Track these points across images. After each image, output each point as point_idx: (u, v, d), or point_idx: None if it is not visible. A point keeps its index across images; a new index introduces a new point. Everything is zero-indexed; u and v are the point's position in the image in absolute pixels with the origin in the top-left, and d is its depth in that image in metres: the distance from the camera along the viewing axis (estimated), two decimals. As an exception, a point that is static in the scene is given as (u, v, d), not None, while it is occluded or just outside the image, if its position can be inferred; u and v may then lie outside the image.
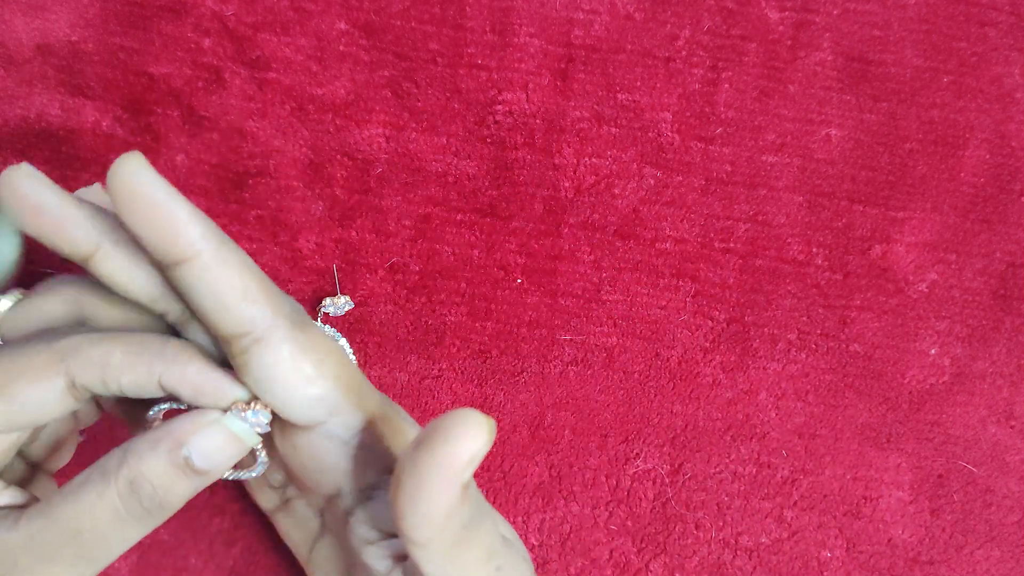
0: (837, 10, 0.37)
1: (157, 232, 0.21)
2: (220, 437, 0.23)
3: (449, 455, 0.20)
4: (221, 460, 0.23)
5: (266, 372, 0.23)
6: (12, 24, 0.35)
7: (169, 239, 0.21)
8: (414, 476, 0.21)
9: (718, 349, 0.36)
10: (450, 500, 0.21)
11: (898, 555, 0.35)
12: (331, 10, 0.36)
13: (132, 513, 0.23)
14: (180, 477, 0.23)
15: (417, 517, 0.21)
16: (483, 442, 0.20)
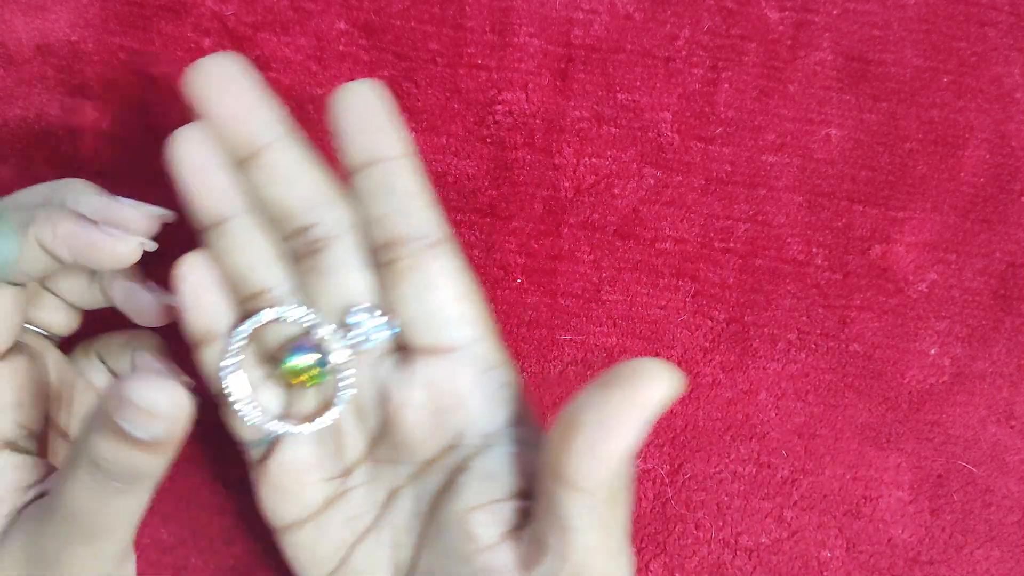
0: (837, 10, 0.37)
1: (374, 135, 0.24)
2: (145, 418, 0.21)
3: (643, 393, 0.20)
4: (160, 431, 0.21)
5: (431, 277, 0.24)
6: (12, 24, 0.35)
7: (383, 142, 0.24)
8: (601, 411, 0.20)
9: (718, 349, 0.36)
10: (632, 442, 0.20)
11: (898, 555, 0.35)
12: (331, 10, 0.36)
13: (108, 487, 0.22)
14: (134, 450, 0.21)
15: (595, 457, 0.20)
16: (676, 387, 0.20)
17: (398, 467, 0.26)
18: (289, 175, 0.24)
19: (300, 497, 0.26)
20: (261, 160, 0.24)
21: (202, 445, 0.34)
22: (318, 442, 0.26)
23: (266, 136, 0.24)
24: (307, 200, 0.25)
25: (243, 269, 0.25)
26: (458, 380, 0.24)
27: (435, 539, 0.25)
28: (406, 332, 0.25)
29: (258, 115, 0.24)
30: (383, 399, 0.25)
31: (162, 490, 0.34)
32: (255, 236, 0.25)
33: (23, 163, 0.35)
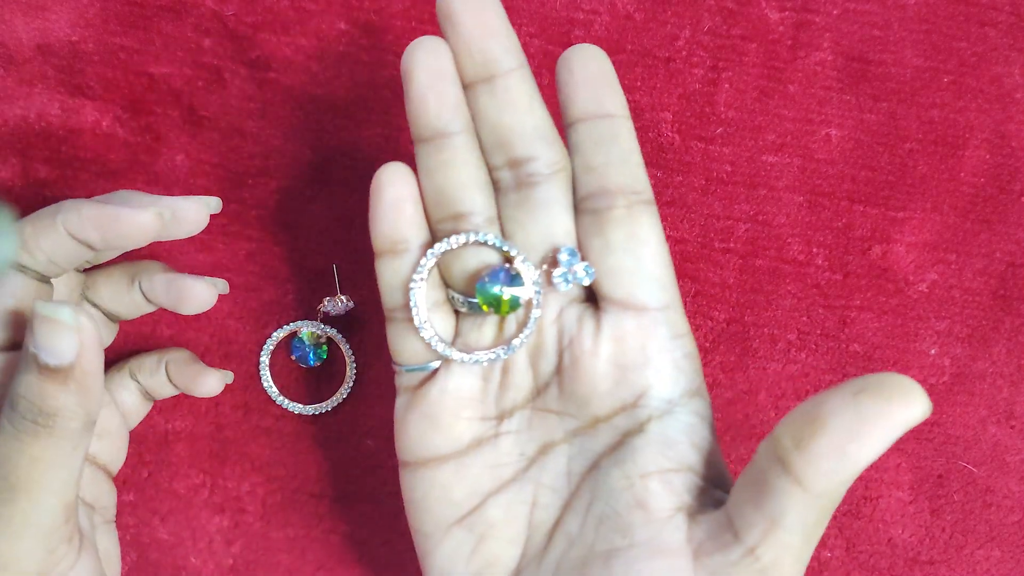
0: (837, 10, 0.37)
1: (603, 91, 0.25)
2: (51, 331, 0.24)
3: (899, 411, 0.20)
4: (67, 349, 0.24)
5: (643, 234, 0.24)
6: (12, 24, 0.35)
7: (611, 99, 0.25)
8: (853, 417, 0.20)
9: (718, 349, 0.36)
10: (877, 455, 0.20)
11: (898, 555, 0.35)
12: (331, 10, 0.36)
13: (23, 428, 0.24)
14: (46, 382, 0.24)
15: (837, 462, 0.20)
16: (927, 412, 0.20)
17: (561, 420, 0.25)
18: (524, 104, 0.25)
19: (452, 431, 0.25)
20: (499, 84, 0.25)
21: (202, 445, 0.35)
22: (484, 377, 0.26)
23: (508, 62, 0.25)
24: (535, 131, 0.25)
25: (452, 188, 0.25)
26: (649, 339, 0.24)
27: (589, 503, 0.24)
28: (603, 282, 0.25)
29: (504, 41, 0.25)
30: (565, 345, 0.25)
31: (162, 490, 0.34)
32: (471, 157, 0.25)
33: (23, 163, 0.35)
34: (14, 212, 0.34)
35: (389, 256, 0.26)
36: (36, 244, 0.26)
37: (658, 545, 0.23)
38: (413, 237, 0.25)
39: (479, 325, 0.26)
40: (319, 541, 0.35)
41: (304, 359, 0.35)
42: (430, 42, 0.24)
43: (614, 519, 0.24)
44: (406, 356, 0.26)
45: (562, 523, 0.25)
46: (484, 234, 0.25)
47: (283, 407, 0.35)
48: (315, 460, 0.35)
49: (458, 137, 0.25)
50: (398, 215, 0.25)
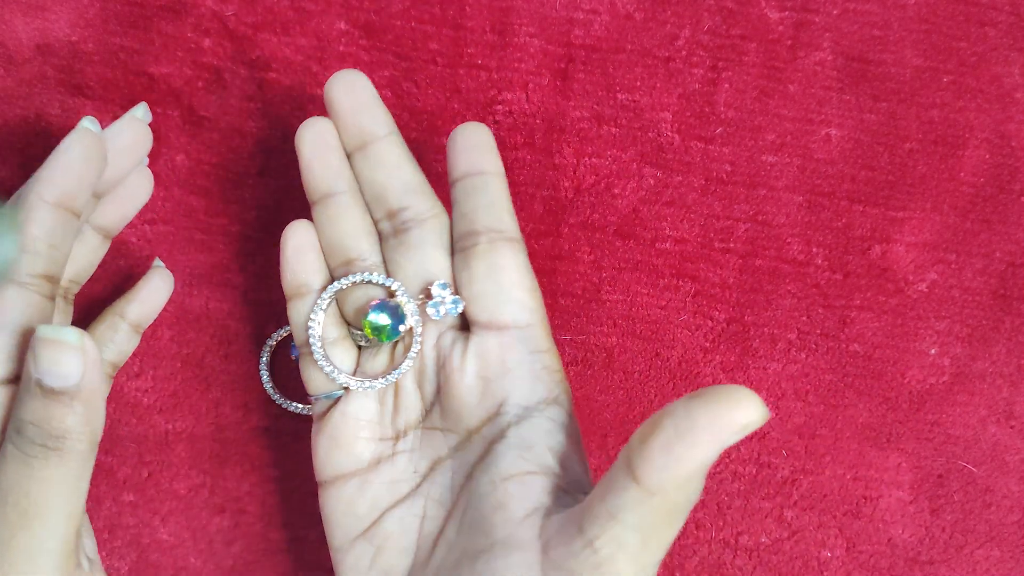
0: (837, 10, 0.37)
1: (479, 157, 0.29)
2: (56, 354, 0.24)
3: (727, 415, 0.21)
4: (72, 372, 0.24)
5: (504, 263, 0.28)
6: (12, 24, 0.35)
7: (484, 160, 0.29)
8: (686, 420, 0.21)
9: (718, 349, 0.36)
10: (708, 457, 0.21)
11: (898, 555, 0.35)
12: (331, 10, 0.36)
13: (32, 454, 0.24)
14: (52, 405, 0.24)
15: (668, 458, 0.21)
16: (758, 419, 0.21)
17: (445, 437, 0.28)
18: (393, 163, 0.29)
19: (353, 450, 0.28)
20: (371, 149, 0.29)
21: (202, 445, 0.35)
22: (380, 401, 0.29)
23: (378, 131, 0.29)
24: (404, 186, 0.29)
25: (341, 237, 0.29)
26: (507, 352, 0.27)
27: (464, 510, 0.27)
28: (470, 307, 0.28)
29: (374, 114, 0.29)
30: (441, 366, 0.29)
31: (162, 490, 0.34)
32: (355, 211, 0.29)
33: (23, 163, 0.35)
34: (14, 213, 0.34)
35: (296, 299, 0.29)
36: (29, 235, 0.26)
37: (513, 542, 0.24)
38: (314, 281, 0.29)
39: (375, 355, 0.29)
40: (319, 542, 0.35)
41: (304, 359, 0.35)
42: (315, 121, 0.29)
43: (480, 522, 0.26)
44: (314, 386, 0.29)
45: (444, 532, 0.27)
46: (369, 274, 0.29)
47: (283, 407, 0.35)
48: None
49: (343, 196, 0.29)
50: (300, 263, 0.29)
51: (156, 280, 0.32)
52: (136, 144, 0.29)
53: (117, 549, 0.34)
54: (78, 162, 0.26)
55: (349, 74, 0.29)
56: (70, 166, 0.26)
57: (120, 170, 0.29)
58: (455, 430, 0.28)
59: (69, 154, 0.26)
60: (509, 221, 0.29)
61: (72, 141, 0.27)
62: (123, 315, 0.32)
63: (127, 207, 0.31)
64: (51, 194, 0.26)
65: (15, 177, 0.35)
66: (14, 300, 0.25)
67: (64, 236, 0.27)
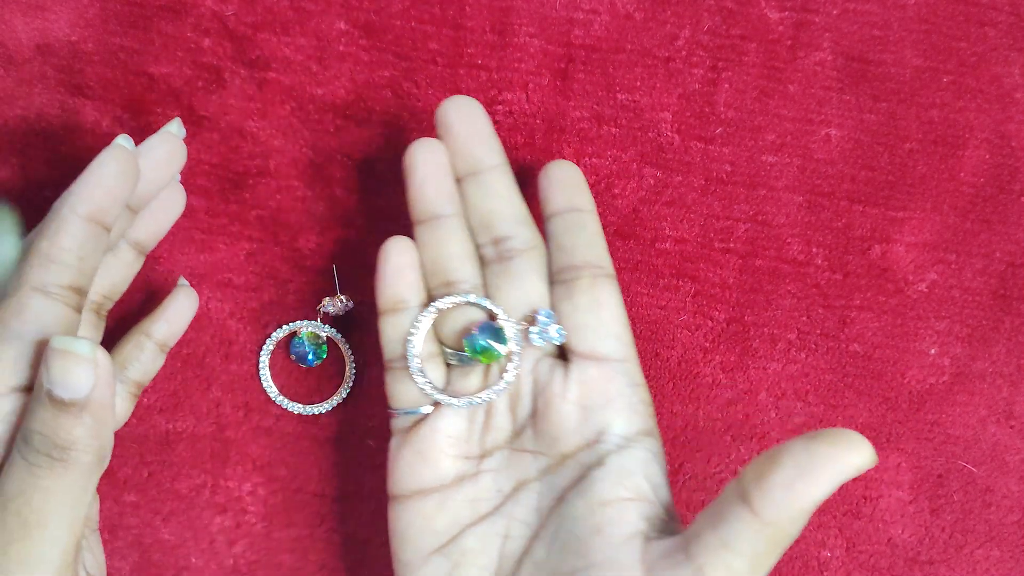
0: (837, 10, 0.37)
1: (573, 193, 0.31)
2: (68, 365, 0.24)
3: (845, 456, 0.23)
4: (82, 384, 0.24)
5: (603, 298, 0.29)
6: (12, 24, 0.35)
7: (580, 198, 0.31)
8: (807, 460, 0.23)
9: (718, 349, 0.36)
10: (824, 494, 0.23)
11: (898, 555, 0.35)
12: (331, 10, 0.36)
13: (37, 463, 0.24)
14: (60, 416, 0.24)
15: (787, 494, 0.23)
16: (870, 462, 0.23)
17: (535, 459, 0.29)
18: (504, 194, 0.30)
19: (439, 466, 0.29)
20: (483, 178, 0.30)
21: (203, 446, 0.35)
22: (470, 419, 0.30)
23: (491, 161, 0.30)
24: (513, 216, 0.30)
25: (444, 260, 0.30)
26: (609, 384, 0.28)
27: (555, 532, 0.28)
28: (571, 337, 0.29)
29: (488, 143, 0.30)
30: (539, 391, 0.29)
31: (164, 491, 0.34)
32: (460, 235, 0.30)
33: (23, 163, 0.35)
34: (14, 213, 0.34)
35: (391, 314, 0.30)
36: (58, 246, 0.26)
37: (613, 564, 0.26)
38: (412, 298, 0.30)
39: (466, 374, 0.30)
40: (321, 541, 0.35)
41: (304, 359, 0.35)
42: (429, 143, 0.30)
43: (575, 544, 0.27)
44: (402, 401, 0.30)
45: (530, 552, 0.28)
46: (474, 296, 0.29)
47: (283, 407, 0.35)
48: (316, 460, 0.35)
49: (451, 219, 0.30)
50: (400, 280, 0.30)
51: (181, 299, 0.32)
52: (170, 159, 0.30)
53: (119, 549, 0.34)
54: (111, 178, 0.27)
55: (465, 101, 0.30)
56: (103, 181, 0.27)
57: (154, 185, 0.29)
58: (547, 453, 0.29)
59: (102, 170, 0.27)
60: (607, 258, 0.30)
61: (106, 157, 0.27)
62: (149, 334, 0.32)
63: (161, 222, 0.32)
64: (83, 208, 0.26)
65: (15, 177, 0.35)
66: (38, 309, 0.26)
67: (94, 249, 0.27)
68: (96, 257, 0.27)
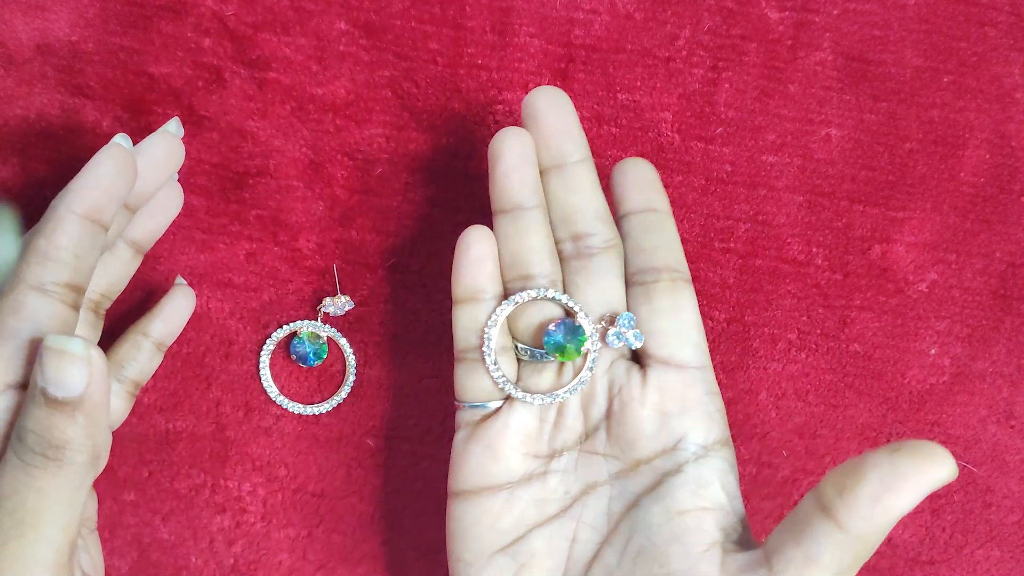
0: (837, 10, 0.37)
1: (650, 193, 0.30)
2: (62, 364, 0.24)
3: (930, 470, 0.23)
4: (76, 382, 0.24)
5: (683, 304, 0.28)
6: (12, 24, 0.35)
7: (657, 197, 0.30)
8: (892, 474, 0.23)
9: (718, 349, 0.36)
10: (909, 506, 0.23)
11: (898, 555, 0.35)
12: (331, 10, 0.36)
13: (31, 462, 0.24)
14: (54, 414, 0.24)
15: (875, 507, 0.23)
16: (953, 474, 0.23)
17: (606, 462, 0.29)
18: (588, 189, 0.30)
19: (508, 463, 0.28)
20: (567, 171, 0.29)
21: (203, 445, 0.35)
22: (541, 417, 0.29)
23: (577, 155, 0.30)
24: (595, 213, 0.30)
25: (525, 252, 0.29)
26: (688, 392, 0.28)
27: (628, 538, 0.27)
28: (649, 342, 0.29)
29: (575, 137, 0.30)
30: (614, 393, 0.29)
31: (163, 490, 0.34)
32: (542, 228, 0.29)
33: (23, 163, 0.35)
34: (14, 212, 0.34)
35: (468, 304, 0.29)
36: (55, 244, 0.26)
37: (694, 574, 0.26)
38: (490, 289, 0.29)
39: (539, 371, 0.29)
40: (320, 541, 0.35)
41: (304, 359, 0.35)
42: (517, 132, 0.29)
43: (652, 551, 0.27)
44: (472, 394, 0.29)
45: (600, 557, 0.28)
46: (553, 291, 0.29)
47: (283, 407, 0.35)
48: (315, 460, 0.35)
49: (532, 211, 0.29)
50: (480, 270, 0.29)
51: (179, 297, 0.32)
52: (168, 158, 0.29)
53: (118, 548, 0.34)
54: (108, 177, 0.27)
55: (553, 92, 0.29)
56: (100, 180, 0.27)
57: (152, 184, 0.29)
58: (621, 458, 0.28)
59: (99, 169, 0.27)
60: (685, 264, 0.30)
61: (103, 156, 0.27)
62: (146, 333, 0.32)
63: (159, 221, 0.32)
64: (80, 206, 0.26)
65: (15, 177, 0.35)
66: (34, 307, 0.25)
67: (91, 248, 0.27)
68: (93, 256, 0.27)
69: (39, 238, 0.26)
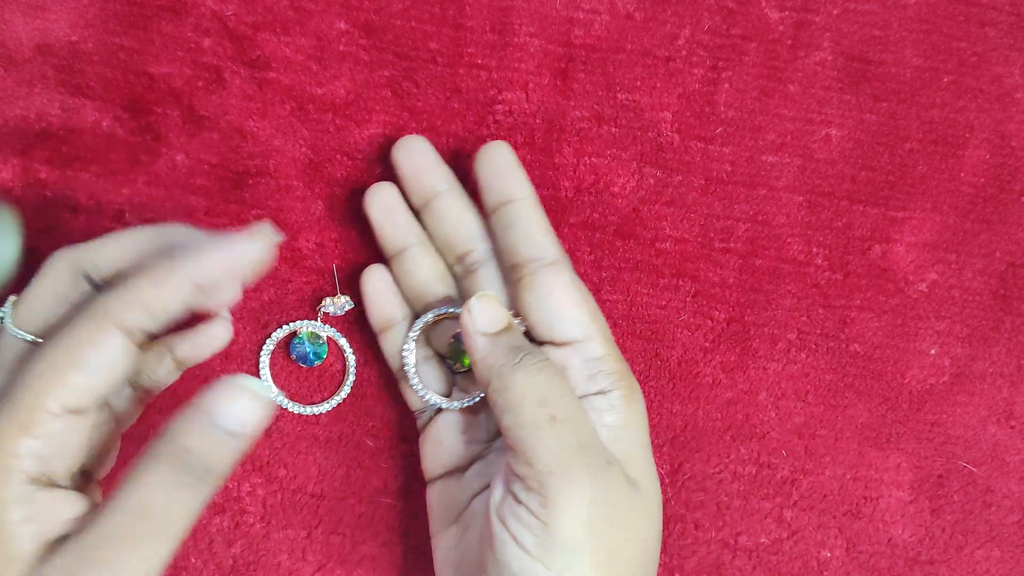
0: (837, 10, 0.37)
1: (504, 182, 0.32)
2: (244, 401, 0.26)
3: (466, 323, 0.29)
4: (252, 420, 0.26)
5: (548, 288, 0.30)
6: (12, 24, 0.35)
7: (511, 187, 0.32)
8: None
9: (718, 349, 0.36)
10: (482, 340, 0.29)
11: (898, 555, 0.35)
12: (331, 10, 0.36)
13: (186, 483, 0.25)
14: (220, 443, 0.25)
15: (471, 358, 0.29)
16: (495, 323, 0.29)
17: None
18: (455, 216, 0.33)
19: (453, 451, 0.33)
20: (434, 205, 0.33)
21: (202, 445, 0.35)
22: (472, 411, 0.33)
23: (439, 187, 0.33)
24: (467, 234, 0.33)
25: (420, 285, 0.33)
26: (567, 363, 0.30)
27: None
28: (533, 331, 0.31)
29: (435, 173, 0.33)
30: None
31: (162, 490, 0.34)
32: (428, 259, 0.33)
33: (23, 163, 0.35)
34: (14, 212, 0.34)
35: (385, 332, 0.34)
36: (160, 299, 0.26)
37: None
38: (397, 315, 0.34)
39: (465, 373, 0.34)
40: (319, 542, 0.35)
41: (304, 359, 0.35)
42: (380, 187, 0.33)
43: None
44: (414, 404, 0.34)
45: None
46: (449, 307, 0.32)
47: (283, 407, 0.35)
48: (315, 460, 0.35)
49: (414, 248, 0.33)
50: (383, 302, 0.34)
51: (216, 328, 0.32)
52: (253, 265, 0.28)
53: (117, 549, 0.34)
54: (237, 261, 0.27)
55: (410, 142, 0.33)
56: (231, 262, 0.27)
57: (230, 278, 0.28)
58: None
59: (233, 248, 0.27)
60: (546, 244, 0.31)
61: (245, 242, 0.27)
62: (172, 349, 0.32)
63: (202, 347, 0.32)
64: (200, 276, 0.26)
65: (15, 177, 0.35)
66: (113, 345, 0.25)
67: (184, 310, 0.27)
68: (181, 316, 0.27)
69: (144, 282, 0.26)
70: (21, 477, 0.24)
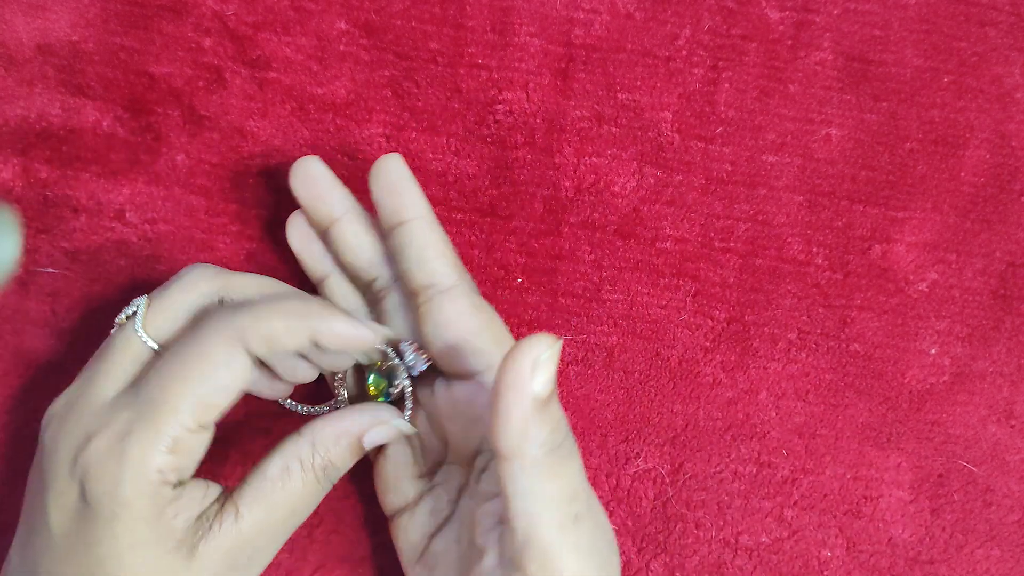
0: (837, 10, 0.37)
1: (395, 200, 0.30)
2: (387, 431, 0.29)
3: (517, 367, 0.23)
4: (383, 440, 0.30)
5: (444, 318, 0.29)
6: (12, 24, 0.35)
7: (402, 206, 0.30)
8: (495, 393, 0.24)
9: (718, 349, 0.36)
10: (525, 410, 0.23)
11: (898, 555, 0.35)
12: (331, 9, 0.36)
13: (323, 486, 0.29)
14: (351, 456, 0.29)
15: (499, 427, 0.24)
16: (545, 351, 0.23)
17: (460, 467, 0.31)
18: (353, 243, 0.31)
19: (400, 489, 0.31)
20: (333, 231, 0.31)
21: (202, 445, 0.35)
22: (407, 445, 0.32)
23: (337, 212, 0.31)
24: (367, 261, 0.31)
25: None
26: (474, 403, 0.29)
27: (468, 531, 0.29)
28: (438, 363, 0.30)
29: (330, 198, 0.32)
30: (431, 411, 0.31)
31: (162, 490, 0.34)
32: (345, 288, 0.33)
33: (23, 163, 0.35)
34: (14, 212, 0.34)
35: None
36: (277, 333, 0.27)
37: None
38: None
39: None
40: (319, 542, 0.35)
41: (304, 359, 0.35)
42: (295, 215, 0.32)
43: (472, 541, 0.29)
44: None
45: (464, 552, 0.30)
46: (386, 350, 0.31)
47: (283, 407, 0.35)
48: (315, 460, 0.35)
49: (332, 276, 0.33)
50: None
51: None
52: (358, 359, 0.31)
53: (117, 549, 0.34)
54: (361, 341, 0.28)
55: (304, 165, 0.31)
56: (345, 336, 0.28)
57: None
58: (458, 461, 0.31)
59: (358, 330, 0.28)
60: (440, 267, 0.30)
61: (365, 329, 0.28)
62: None
63: None
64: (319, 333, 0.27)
65: (15, 177, 0.35)
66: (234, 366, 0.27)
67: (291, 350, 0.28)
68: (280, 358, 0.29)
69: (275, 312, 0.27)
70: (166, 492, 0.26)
